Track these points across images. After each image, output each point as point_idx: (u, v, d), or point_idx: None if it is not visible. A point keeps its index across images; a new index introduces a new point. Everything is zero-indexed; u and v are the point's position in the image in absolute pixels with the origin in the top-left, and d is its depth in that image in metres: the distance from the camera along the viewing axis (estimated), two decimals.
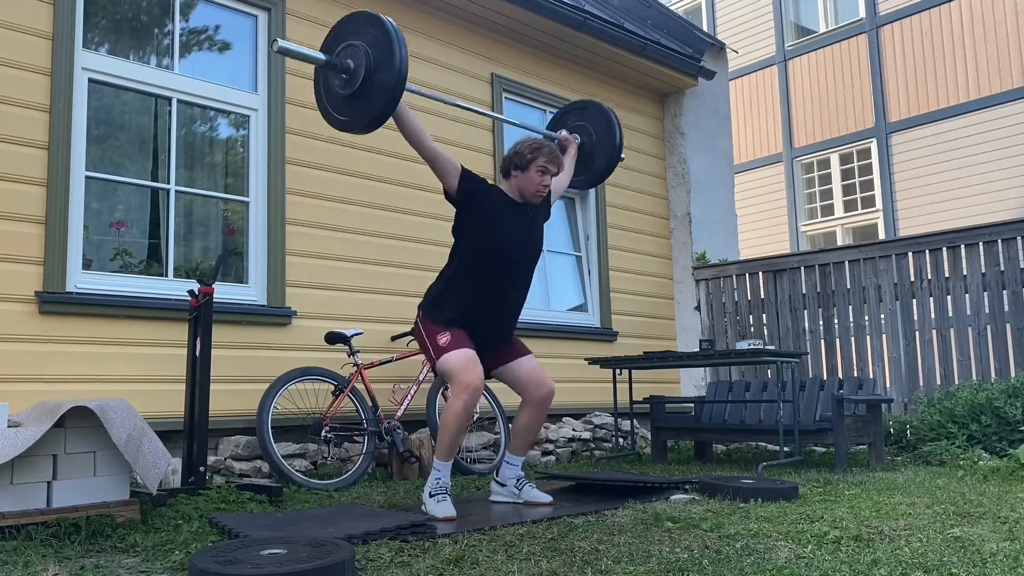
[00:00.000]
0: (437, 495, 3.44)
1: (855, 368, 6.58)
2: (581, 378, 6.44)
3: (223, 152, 5.15)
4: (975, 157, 10.91)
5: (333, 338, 4.87)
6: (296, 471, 4.38)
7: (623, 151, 4.37)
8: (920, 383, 6.24)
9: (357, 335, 4.97)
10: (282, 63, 5.20)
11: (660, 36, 7.71)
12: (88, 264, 4.43)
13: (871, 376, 6.45)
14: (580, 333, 6.74)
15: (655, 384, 7.08)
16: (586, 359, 5.86)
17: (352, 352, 4.86)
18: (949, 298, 6.17)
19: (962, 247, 6.14)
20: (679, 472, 5.02)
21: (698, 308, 7.64)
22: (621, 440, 6.16)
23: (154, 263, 4.74)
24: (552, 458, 5.84)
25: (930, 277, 6.26)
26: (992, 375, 5.89)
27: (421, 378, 5.09)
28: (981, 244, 6.04)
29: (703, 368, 7.37)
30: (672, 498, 3.77)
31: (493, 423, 5.49)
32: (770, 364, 6.14)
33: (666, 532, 2.92)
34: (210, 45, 5.11)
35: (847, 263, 6.72)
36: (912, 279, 6.37)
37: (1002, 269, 5.94)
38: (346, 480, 4.44)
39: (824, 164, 12.68)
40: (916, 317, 6.31)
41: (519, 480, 3.81)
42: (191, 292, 4.00)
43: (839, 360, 6.67)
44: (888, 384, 6.45)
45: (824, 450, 6.16)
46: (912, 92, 11.63)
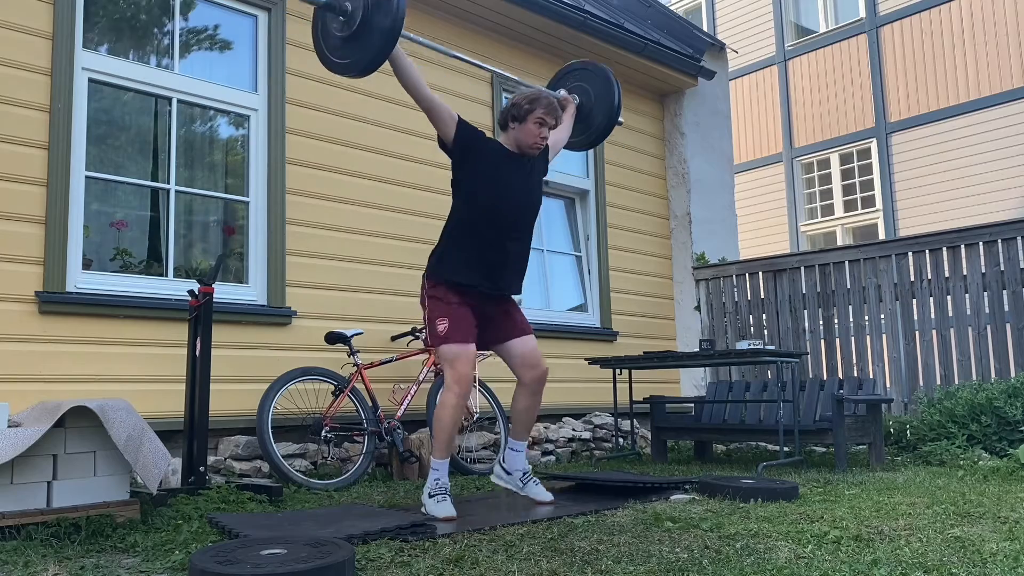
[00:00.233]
0: (437, 495, 3.44)
1: (855, 368, 6.58)
2: (581, 378, 6.44)
3: (223, 152, 5.15)
4: (975, 157, 10.91)
5: (333, 338, 4.87)
6: (296, 471, 4.38)
7: (621, 114, 4.35)
8: (920, 383, 6.24)
9: (357, 335, 4.97)
10: (282, 63, 5.20)
11: (660, 36, 7.70)
12: (88, 264, 4.43)
13: (871, 376, 6.45)
14: (580, 333, 6.74)
15: (655, 384, 7.07)
16: (586, 359, 5.86)
17: (352, 352, 4.86)
18: (949, 298, 6.17)
19: (962, 247, 6.14)
20: (679, 472, 5.02)
21: (698, 308, 7.64)
22: (621, 440, 6.16)
23: (154, 263, 4.74)
24: (552, 458, 5.84)
25: (930, 277, 6.26)
26: (992, 375, 5.89)
27: (421, 378, 5.09)
28: (981, 244, 6.04)
29: (703, 368, 7.37)
30: (672, 498, 3.77)
31: (493, 423, 5.49)
32: (770, 364, 6.14)
33: (666, 532, 2.92)
34: (210, 45, 5.11)
35: (847, 263, 6.72)
36: (912, 279, 6.37)
37: (1002, 269, 5.94)
38: (346, 480, 4.44)
39: (824, 164, 12.68)
40: (916, 317, 6.31)
41: (525, 474, 3.80)
42: (191, 292, 4.00)
43: (839, 360, 6.67)
44: (888, 384, 6.45)
45: (824, 450, 6.16)
46: (912, 92, 11.63)
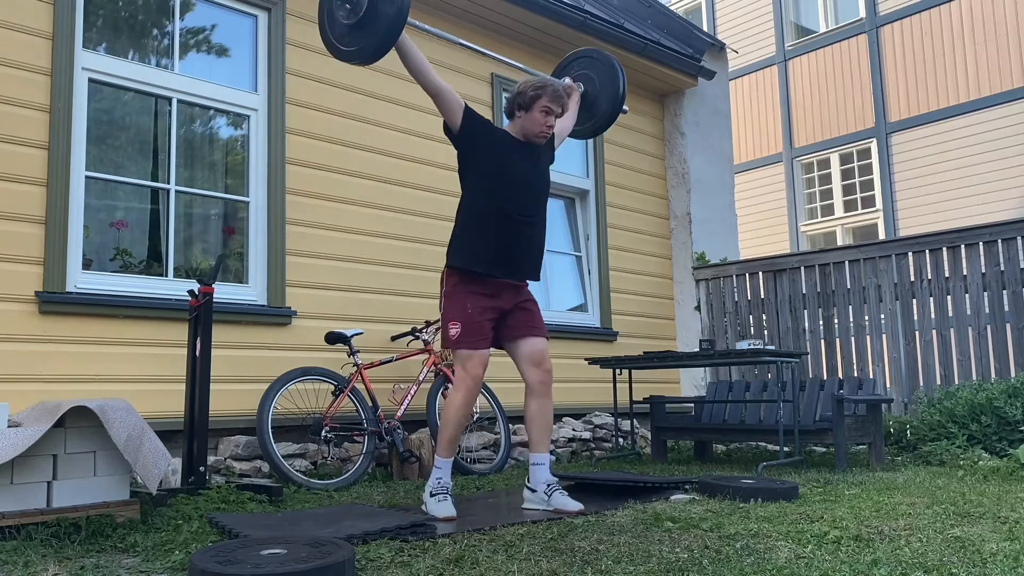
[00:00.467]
0: (438, 495, 3.44)
1: (855, 368, 6.57)
2: (581, 378, 6.44)
3: (223, 152, 5.15)
4: (975, 157, 10.90)
5: (333, 338, 4.87)
6: (296, 471, 4.38)
7: (625, 103, 4.32)
8: (920, 383, 6.24)
9: (357, 335, 4.97)
10: (282, 63, 5.20)
11: (660, 36, 7.70)
12: (88, 264, 4.43)
13: (871, 376, 6.45)
14: (580, 333, 6.74)
15: (655, 384, 7.07)
16: (586, 359, 5.86)
17: (352, 352, 4.86)
18: (949, 298, 6.17)
19: (962, 247, 6.14)
20: (679, 472, 5.02)
21: (698, 308, 7.64)
22: (621, 440, 6.16)
23: (154, 263, 4.74)
24: (552, 458, 5.83)
25: (930, 277, 6.26)
26: (992, 375, 5.89)
27: (421, 378, 5.09)
28: (981, 244, 6.03)
29: (703, 368, 7.37)
30: (672, 498, 3.76)
31: (493, 423, 5.49)
32: (770, 364, 6.13)
33: (666, 532, 2.92)
34: (210, 45, 5.11)
35: (847, 263, 6.71)
36: (912, 279, 6.37)
37: (1002, 269, 5.93)
38: (346, 480, 4.44)
39: (824, 164, 12.68)
40: (916, 317, 6.31)
41: (549, 485, 3.58)
42: (191, 292, 4.00)
43: (839, 360, 6.67)
44: (888, 384, 6.45)
45: (824, 450, 6.15)
46: (912, 92, 11.63)
